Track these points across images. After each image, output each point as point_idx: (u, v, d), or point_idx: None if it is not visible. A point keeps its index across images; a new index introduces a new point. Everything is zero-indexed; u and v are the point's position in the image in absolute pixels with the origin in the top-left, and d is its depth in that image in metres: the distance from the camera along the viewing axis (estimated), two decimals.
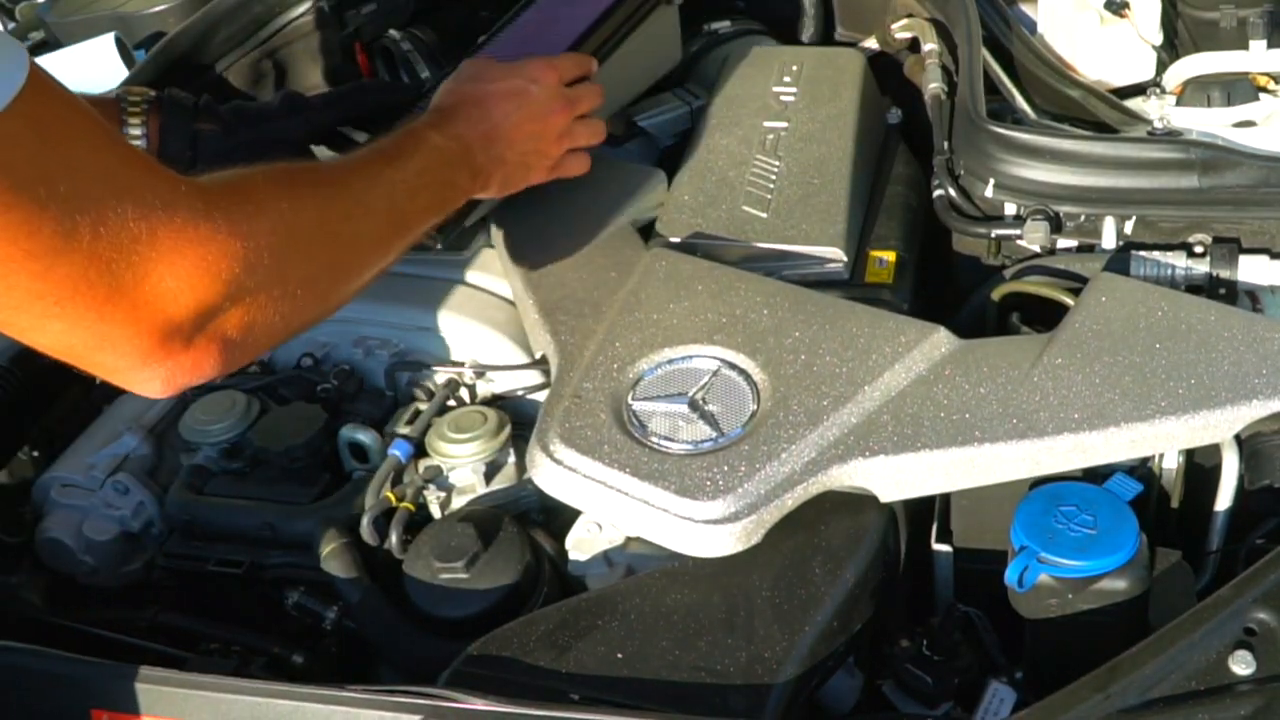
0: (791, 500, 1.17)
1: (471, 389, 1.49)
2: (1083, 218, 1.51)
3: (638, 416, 1.26)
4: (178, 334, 0.93)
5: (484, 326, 1.49)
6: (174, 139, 1.41)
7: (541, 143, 1.42)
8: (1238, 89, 1.70)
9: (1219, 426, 1.18)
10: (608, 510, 1.22)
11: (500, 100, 1.38)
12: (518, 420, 1.42)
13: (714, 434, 1.23)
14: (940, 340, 1.28)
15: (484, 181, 1.37)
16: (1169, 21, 1.88)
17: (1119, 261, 1.47)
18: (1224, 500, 1.23)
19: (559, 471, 1.23)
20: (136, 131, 1.39)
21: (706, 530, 1.16)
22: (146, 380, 0.95)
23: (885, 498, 1.20)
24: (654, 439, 1.23)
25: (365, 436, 1.43)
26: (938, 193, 1.59)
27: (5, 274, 0.85)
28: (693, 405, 1.26)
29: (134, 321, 0.91)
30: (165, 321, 0.92)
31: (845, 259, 1.47)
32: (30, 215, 0.84)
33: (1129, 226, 1.50)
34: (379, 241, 1.18)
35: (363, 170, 1.18)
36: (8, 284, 0.86)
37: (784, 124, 1.66)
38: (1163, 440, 1.19)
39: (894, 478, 1.19)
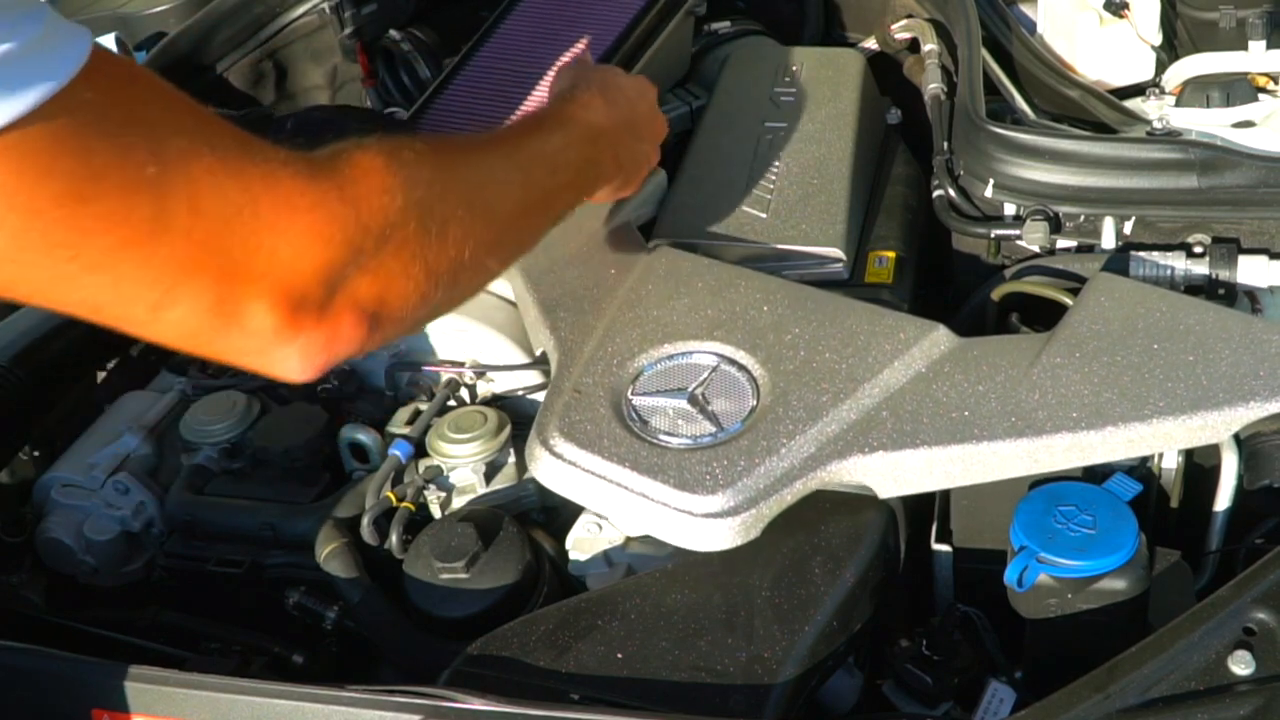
0: (790, 495, 1.17)
1: (471, 389, 1.49)
2: (1082, 218, 1.51)
3: (637, 411, 1.26)
4: (308, 302, 0.87)
5: (484, 326, 1.49)
6: None
7: (651, 146, 1.42)
8: (1237, 89, 1.70)
9: (1216, 427, 1.18)
10: (607, 504, 1.22)
11: (630, 93, 1.37)
12: (518, 420, 1.42)
13: (713, 429, 1.23)
14: (939, 338, 1.28)
15: (618, 167, 1.33)
16: (1168, 22, 1.88)
17: (1118, 261, 1.47)
18: (1223, 500, 1.23)
19: (558, 465, 1.23)
20: None
21: (705, 524, 1.16)
22: (284, 358, 0.89)
23: (883, 494, 1.20)
24: (653, 433, 1.23)
25: (365, 436, 1.43)
26: (937, 193, 1.60)
27: (109, 265, 0.81)
28: (692, 400, 1.26)
29: (258, 295, 0.85)
30: (290, 289, 0.86)
31: (845, 259, 1.47)
32: (119, 203, 0.80)
33: (1128, 227, 1.50)
34: (519, 215, 1.12)
35: (498, 143, 1.13)
36: (115, 276, 0.82)
37: (784, 124, 1.66)
38: (1160, 440, 1.19)
39: (892, 474, 1.19)
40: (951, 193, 1.58)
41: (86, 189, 0.79)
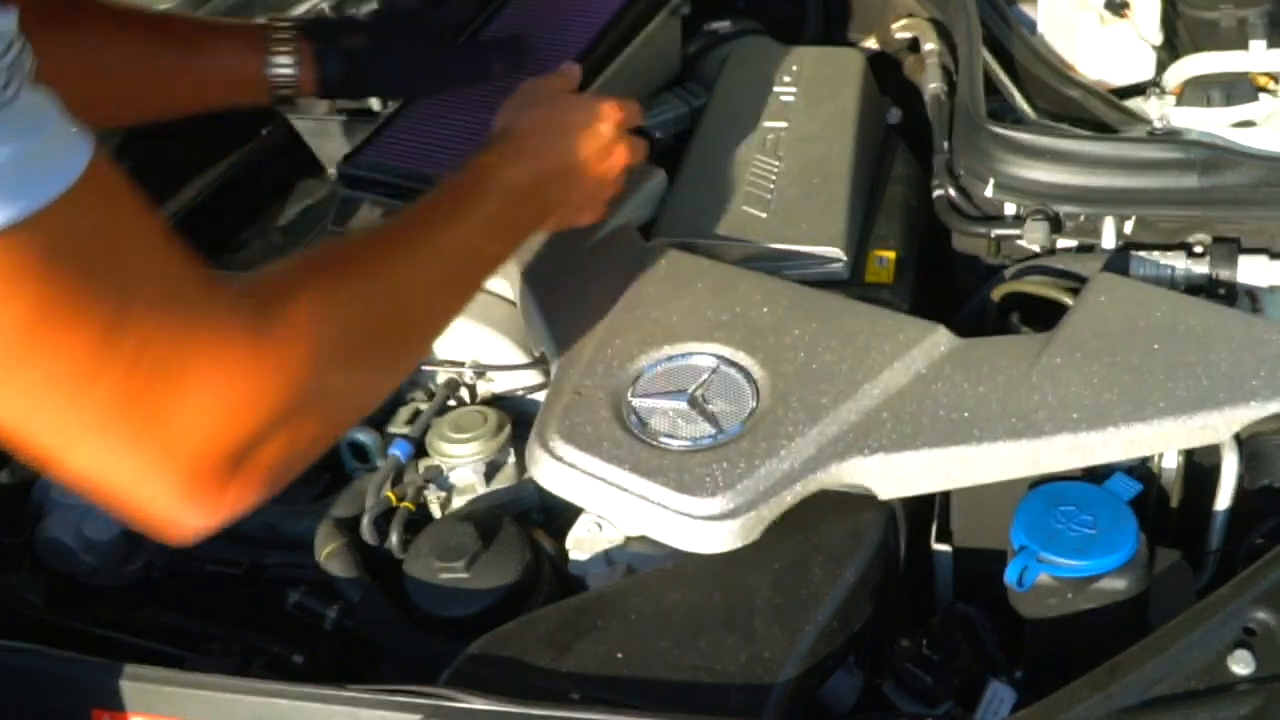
0: (791, 497, 1.17)
1: (471, 389, 1.49)
2: (1082, 218, 1.51)
3: (637, 413, 1.26)
4: (218, 468, 0.83)
5: (484, 326, 1.49)
6: (331, 63, 1.42)
7: (603, 187, 1.37)
8: (1237, 89, 1.70)
9: (1217, 427, 1.18)
10: (607, 506, 1.22)
11: (573, 134, 1.30)
12: (518, 420, 1.42)
13: (713, 431, 1.23)
14: (940, 339, 1.28)
15: (545, 218, 1.31)
16: (1169, 21, 1.88)
17: (1118, 261, 1.47)
18: (1223, 500, 1.23)
19: (558, 468, 1.23)
20: (287, 61, 1.38)
21: (706, 526, 1.16)
22: (179, 520, 0.84)
23: (884, 495, 1.20)
24: (653, 435, 1.23)
25: (365, 436, 1.43)
26: (937, 193, 1.59)
27: (32, 393, 0.77)
28: (692, 402, 1.26)
29: (172, 456, 0.81)
30: (204, 454, 0.82)
31: (845, 259, 1.47)
32: (65, 339, 0.75)
33: (1129, 226, 1.50)
34: (449, 299, 1.13)
35: (429, 226, 1.10)
36: (34, 405, 0.77)
37: (784, 124, 1.66)
38: (1161, 440, 1.19)
39: (893, 475, 1.19)
40: (952, 192, 1.58)
41: (37, 318, 0.74)
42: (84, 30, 1.27)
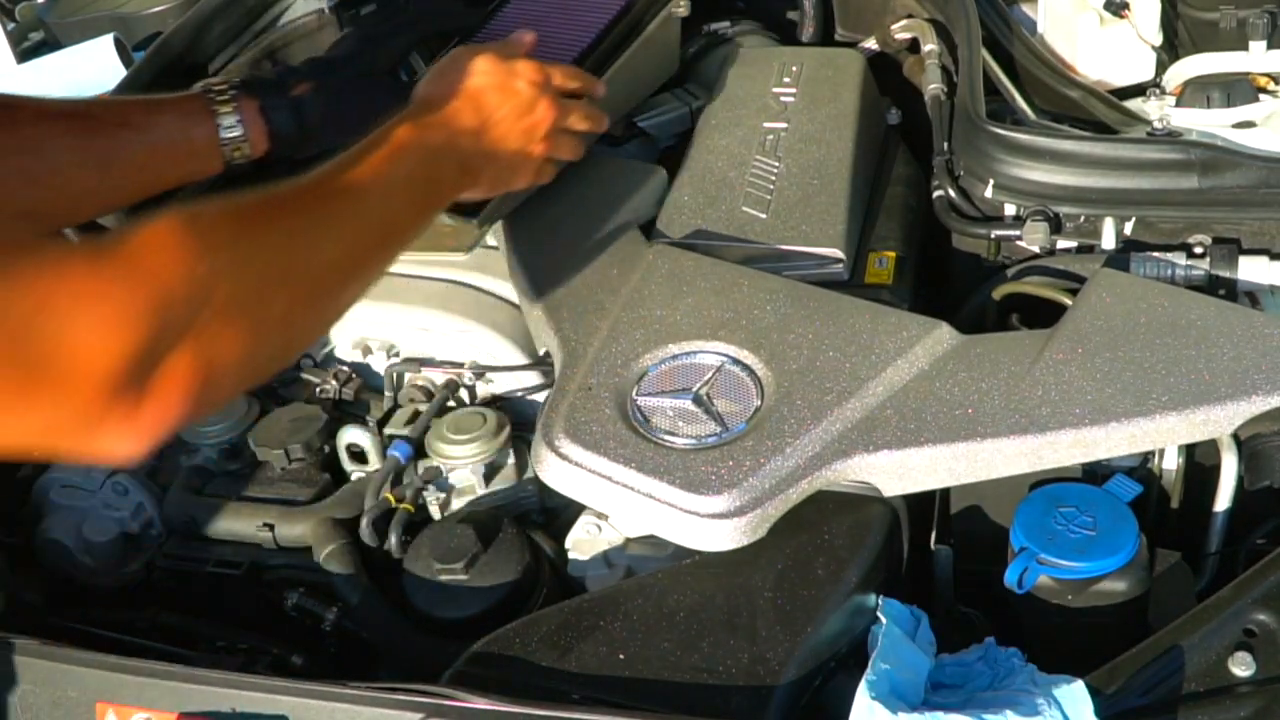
0: (796, 494, 1.18)
1: (471, 390, 1.49)
2: (1082, 218, 1.51)
3: (642, 411, 1.26)
4: (123, 388, 0.86)
5: (484, 327, 1.49)
6: (280, 116, 1.39)
7: (530, 144, 1.35)
8: (1237, 90, 1.70)
9: (1219, 422, 1.18)
10: (613, 505, 1.22)
11: (487, 93, 1.31)
12: (517, 421, 1.42)
13: (718, 429, 1.23)
14: (943, 335, 1.28)
15: (473, 177, 1.29)
16: (1169, 22, 1.88)
17: (1119, 262, 1.47)
18: (1223, 501, 1.23)
19: (564, 467, 1.23)
20: (231, 121, 1.35)
21: (711, 524, 1.16)
22: (113, 444, 0.88)
23: (888, 492, 1.20)
24: (659, 434, 1.23)
25: (364, 438, 1.43)
26: (937, 193, 1.60)
27: None
28: (697, 400, 1.26)
29: (69, 394, 0.84)
30: (101, 380, 0.85)
31: (845, 259, 1.47)
32: None
33: (1129, 227, 1.50)
34: (359, 257, 1.10)
35: (329, 186, 1.09)
36: None
37: (784, 125, 1.66)
38: (1163, 435, 1.19)
39: (897, 472, 1.19)
40: (951, 193, 1.58)
41: None
42: (12, 131, 1.22)
